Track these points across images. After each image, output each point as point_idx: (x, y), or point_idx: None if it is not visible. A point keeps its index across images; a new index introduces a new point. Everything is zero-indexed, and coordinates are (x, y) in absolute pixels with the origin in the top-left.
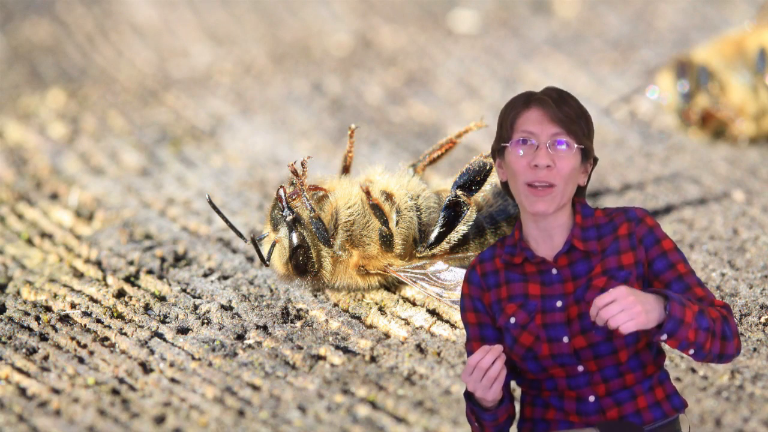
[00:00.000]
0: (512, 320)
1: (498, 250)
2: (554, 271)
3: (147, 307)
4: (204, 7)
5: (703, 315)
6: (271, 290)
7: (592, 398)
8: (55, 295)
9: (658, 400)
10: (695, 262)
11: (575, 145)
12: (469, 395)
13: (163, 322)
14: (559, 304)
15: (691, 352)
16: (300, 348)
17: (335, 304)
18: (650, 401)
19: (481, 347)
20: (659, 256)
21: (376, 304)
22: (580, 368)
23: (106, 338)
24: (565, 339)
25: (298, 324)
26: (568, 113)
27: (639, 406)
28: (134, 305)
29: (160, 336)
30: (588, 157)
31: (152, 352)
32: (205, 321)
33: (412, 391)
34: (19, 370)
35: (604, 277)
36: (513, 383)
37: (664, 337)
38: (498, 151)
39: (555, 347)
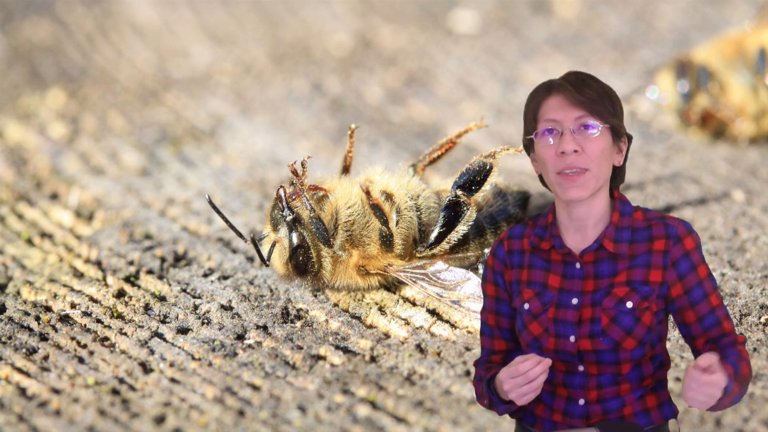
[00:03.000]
0: (526, 306)
1: (528, 230)
2: (578, 265)
3: (147, 307)
4: (204, 7)
5: (745, 383)
6: (271, 290)
7: (581, 401)
8: (55, 295)
9: (648, 408)
10: None
11: (601, 125)
12: (489, 382)
13: (163, 322)
14: (574, 301)
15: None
16: (300, 348)
17: (335, 304)
18: (638, 408)
19: (534, 356)
20: (696, 285)
21: (376, 304)
22: (581, 368)
23: (106, 338)
24: (572, 338)
25: (298, 324)
26: (588, 94)
27: (625, 413)
28: (134, 305)
29: (160, 336)
30: (619, 135)
31: (152, 352)
32: (205, 321)
33: (412, 391)
34: (19, 370)
35: (627, 288)
36: None
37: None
38: (528, 146)
39: (561, 344)
